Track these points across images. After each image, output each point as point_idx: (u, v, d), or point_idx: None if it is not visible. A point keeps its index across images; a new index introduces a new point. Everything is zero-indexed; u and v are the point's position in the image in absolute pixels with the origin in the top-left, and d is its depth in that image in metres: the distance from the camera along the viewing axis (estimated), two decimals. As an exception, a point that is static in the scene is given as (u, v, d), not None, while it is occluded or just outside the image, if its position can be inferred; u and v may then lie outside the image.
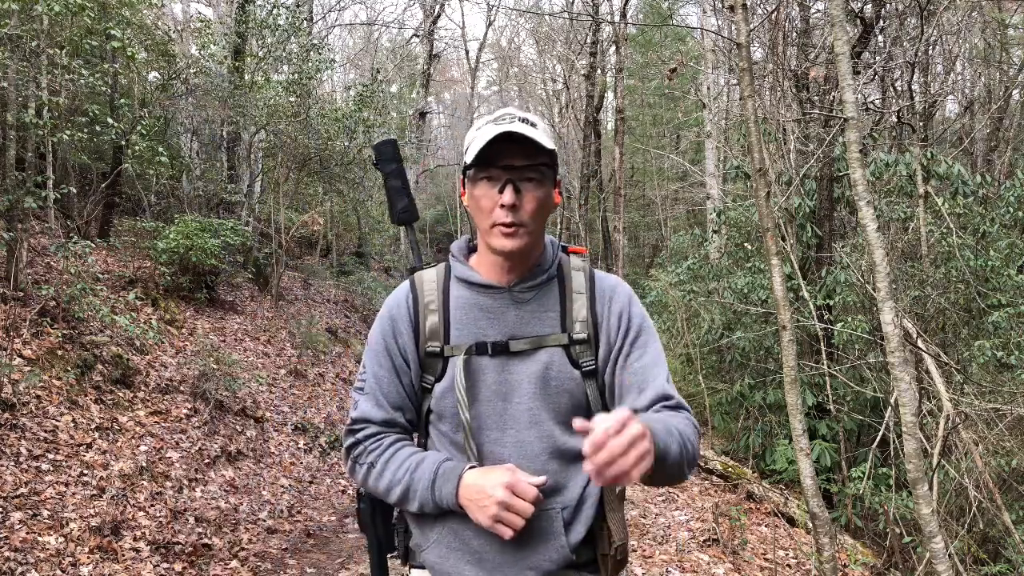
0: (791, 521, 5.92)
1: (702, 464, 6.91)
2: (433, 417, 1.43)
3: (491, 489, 1.28)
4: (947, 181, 7.50)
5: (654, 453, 1.10)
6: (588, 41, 21.23)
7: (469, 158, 1.37)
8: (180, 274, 8.45)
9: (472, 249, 1.52)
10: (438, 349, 1.40)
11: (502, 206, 1.33)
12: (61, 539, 4.01)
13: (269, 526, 5.24)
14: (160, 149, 8.06)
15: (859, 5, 8.30)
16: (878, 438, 5.91)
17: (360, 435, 1.41)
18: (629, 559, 1.68)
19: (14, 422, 4.71)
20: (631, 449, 1.04)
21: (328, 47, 16.02)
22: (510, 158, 1.34)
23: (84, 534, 4.10)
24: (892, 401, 5.32)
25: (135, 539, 4.30)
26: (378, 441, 1.40)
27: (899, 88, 9.81)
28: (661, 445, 1.17)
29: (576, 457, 1.29)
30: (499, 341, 1.38)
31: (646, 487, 6.24)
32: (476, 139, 1.36)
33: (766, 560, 4.86)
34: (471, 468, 1.33)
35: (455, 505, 1.32)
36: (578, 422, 1.08)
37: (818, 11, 8.70)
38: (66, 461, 4.73)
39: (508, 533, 1.27)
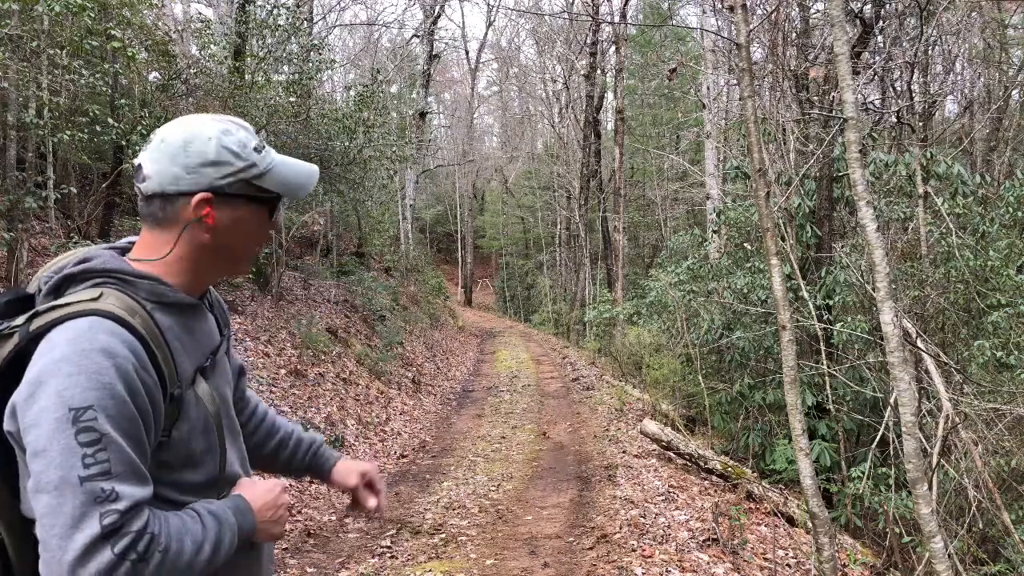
0: (791, 521, 5.93)
1: (702, 464, 6.92)
2: (167, 471, 1.13)
3: (279, 497, 1.22)
4: (947, 181, 7.51)
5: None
6: (588, 41, 21.26)
7: (270, 184, 1.22)
8: (180, 274, 8.43)
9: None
10: (178, 391, 1.13)
11: (267, 233, 1.28)
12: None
13: (269, 526, 5.24)
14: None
15: (859, 5, 8.32)
16: (878, 438, 5.92)
17: (136, 527, 1.00)
18: (629, 558, 1.69)
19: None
20: None
21: (328, 47, 16.02)
22: None
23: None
24: (892, 401, 5.33)
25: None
26: (155, 520, 1.04)
27: (899, 88, 9.81)
28: None
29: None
30: (209, 359, 1.23)
31: (646, 487, 6.25)
32: (286, 167, 1.24)
33: (766, 560, 4.87)
34: (237, 492, 1.22)
35: (255, 530, 1.18)
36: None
37: (818, 11, 8.70)
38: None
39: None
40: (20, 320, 1.07)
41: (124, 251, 1.22)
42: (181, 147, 1.16)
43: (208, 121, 1.20)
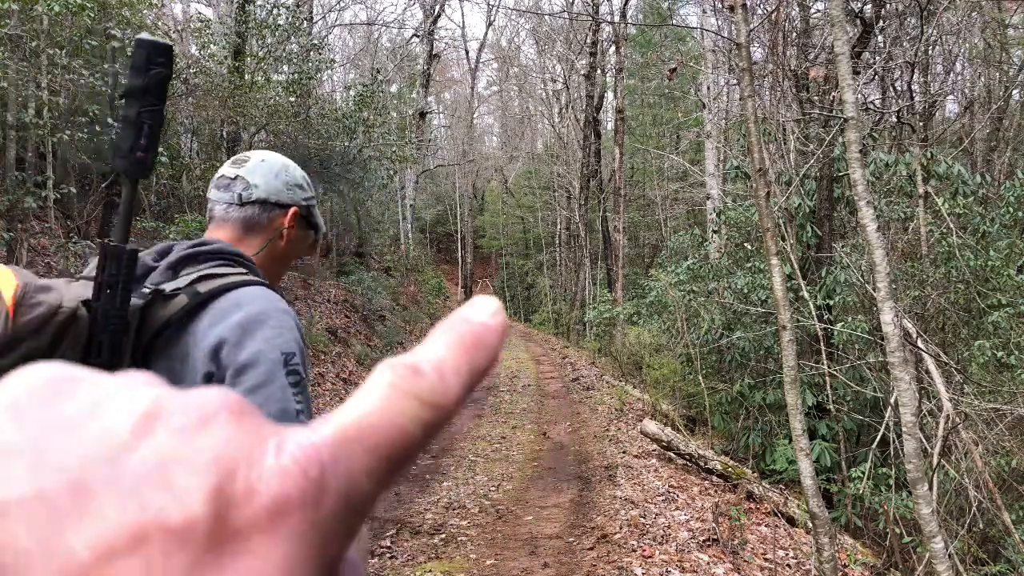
0: (791, 521, 5.92)
1: (702, 464, 6.91)
2: None
3: None
4: (947, 181, 7.51)
5: None
6: (588, 41, 21.26)
7: (317, 218, 1.45)
8: (180, 274, 8.43)
9: None
10: None
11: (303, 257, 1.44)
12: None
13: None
14: (160, 149, 8.06)
15: (859, 5, 8.31)
16: (878, 438, 5.91)
17: None
18: (630, 558, 1.72)
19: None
20: None
21: (328, 47, 16.03)
22: None
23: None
24: (892, 401, 5.33)
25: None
26: None
27: (899, 88, 9.82)
28: None
29: None
30: None
31: (646, 487, 6.24)
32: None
33: (766, 560, 4.86)
34: None
35: None
36: None
37: (818, 11, 8.70)
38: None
39: None
40: (175, 285, 1.16)
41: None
42: (282, 167, 1.39)
43: (285, 158, 1.44)
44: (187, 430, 0.21)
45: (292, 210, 1.38)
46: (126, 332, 1.10)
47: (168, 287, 1.16)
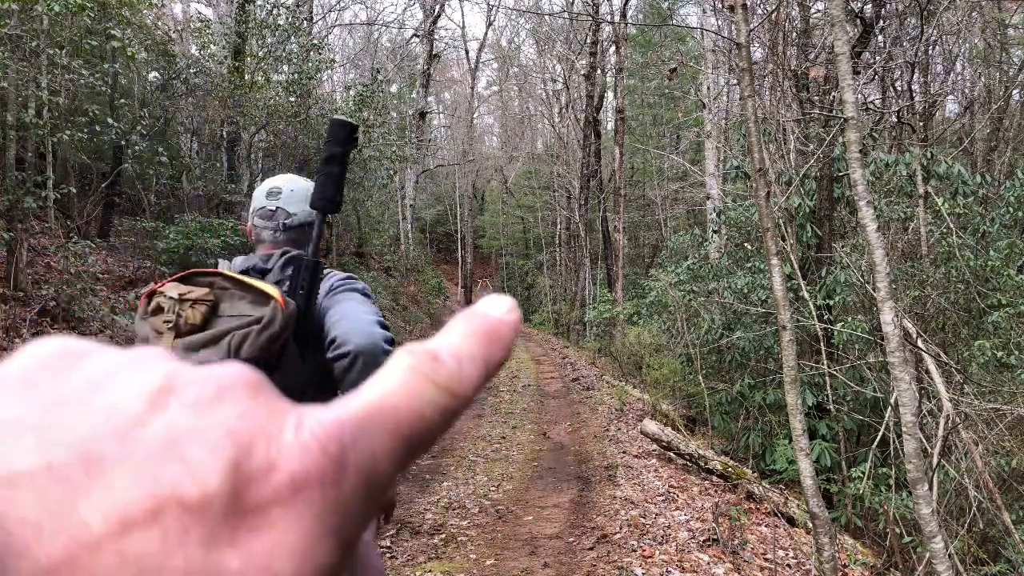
0: (791, 521, 5.92)
1: (702, 464, 6.91)
2: None
3: None
4: (947, 181, 7.50)
5: None
6: (588, 41, 21.25)
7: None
8: (180, 274, 8.42)
9: None
10: None
11: None
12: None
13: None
14: (160, 149, 8.06)
15: (859, 5, 8.31)
16: (878, 438, 5.91)
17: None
18: (630, 558, 1.81)
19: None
20: None
21: (328, 47, 16.02)
22: None
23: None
24: (892, 401, 5.32)
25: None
26: None
27: (899, 88, 9.82)
28: None
29: None
30: None
31: (646, 487, 6.24)
32: None
33: (766, 560, 4.86)
34: None
35: None
36: None
37: (818, 11, 8.70)
38: (66, 461, 4.72)
39: None
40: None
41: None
42: (306, 192, 1.77)
43: (300, 177, 1.87)
44: (202, 404, 0.21)
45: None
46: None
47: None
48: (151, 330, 1.43)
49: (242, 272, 1.59)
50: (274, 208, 1.75)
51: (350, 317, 1.52)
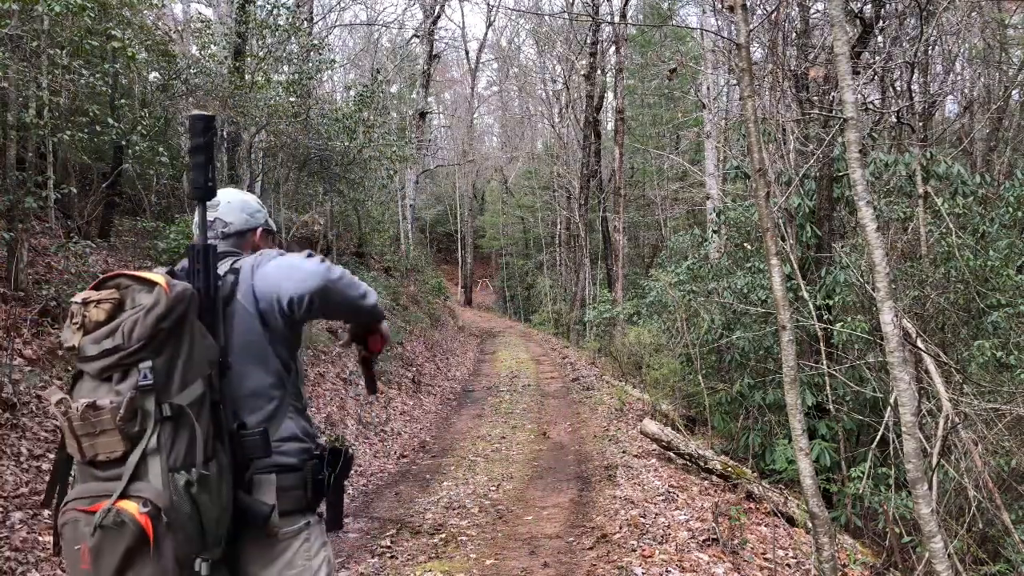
0: (791, 521, 5.93)
1: (702, 464, 6.91)
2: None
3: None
4: (947, 181, 7.50)
5: None
6: (588, 41, 21.25)
7: (272, 225, 2.11)
8: (180, 274, 8.42)
9: None
10: None
11: None
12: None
13: (269, 526, 5.23)
14: (160, 149, 8.05)
15: (859, 5, 8.31)
16: (878, 438, 5.91)
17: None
18: (629, 558, 1.81)
19: (15, 422, 4.72)
20: None
21: (328, 47, 16.02)
22: None
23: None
24: (892, 401, 5.33)
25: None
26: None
27: (899, 88, 9.82)
28: None
29: None
30: None
31: (646, 487, 6.25)
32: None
33: (766, 560, 4.87)
34: None
35: (382, 319, 2.04)
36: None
37: (818, 11, 8.70)
38: (66, 461, 4.72)
39: None
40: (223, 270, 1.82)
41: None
42: (241, 203, 2.02)
43: (239, 191, 2.08)
44: None
45: (259, 230, 2.03)
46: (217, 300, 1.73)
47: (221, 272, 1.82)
48: (67, 332, 1.62)
49: (169, 272, 1.79)
50: (212, 219, 1.95)
51: (271, 276, 1.76)
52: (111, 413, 1.49)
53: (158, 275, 1.62)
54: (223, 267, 1.81)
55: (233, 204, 2.00)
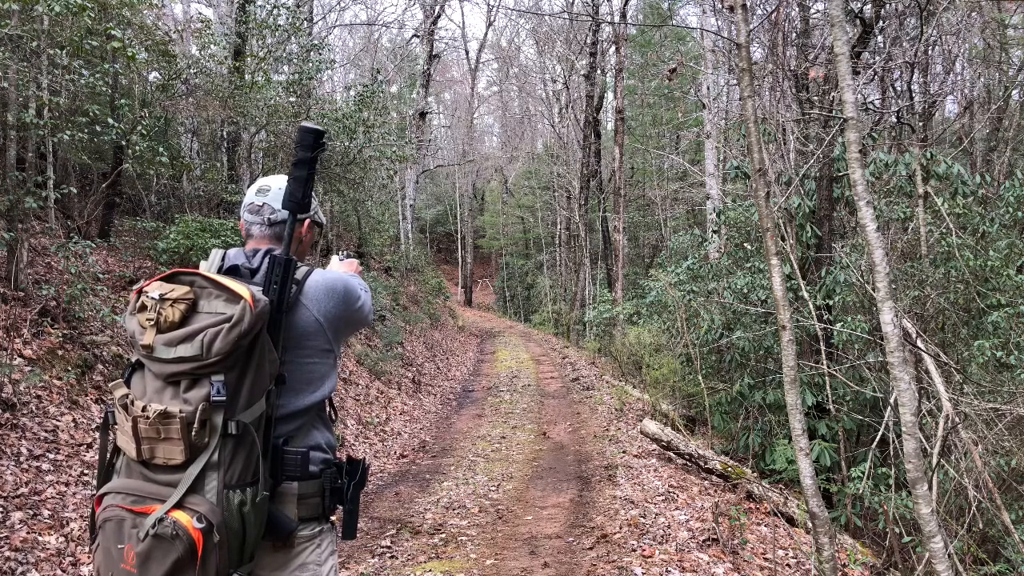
0: (791, 521, 5.93)
1: (702, 464, 6.91)
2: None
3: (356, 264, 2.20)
4: (947, 181, 7.50)
5: None
6: (588, 41, 21.25)
7: (320, 218, 2.03)
8: (180, 274, 8.42)
9: None
10: None
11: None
12: (61, 539, 4.01)
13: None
14: (160, 149, 8.06)
15: (859, 5, 8.32)
16: (878, 438, 5.91)
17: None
18: (629, 558, 1.83)
19: (15, 422, 4.72)
20: None
21: (328, 47, 16.01)
22: None
23: (84, 534, 4.11)
24: (892, 401, 5.33)
25: (135, 539, 4.29)
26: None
27: (899, 88, 9.82)
28: None
29: None
30: None
31: (646, 487, 6.24)
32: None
33: (766, 560, 4.86)
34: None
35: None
36: None
37: (818, 11, 8.70)
38: (67, 461, 4.73)
39: None
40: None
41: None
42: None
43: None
44: None
45: (307, 221, 1.93)
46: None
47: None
48: (137, 325, 1.58)
49: (230, 269, 1.76)
50: (261, 204, 1.88)
51: (323, 301, 1.79)
52: (181, 424, 1.48)
53: (242, 286, 1.58)
54: (256, 259, 1.78)
55: (284, 191, 1.91)
